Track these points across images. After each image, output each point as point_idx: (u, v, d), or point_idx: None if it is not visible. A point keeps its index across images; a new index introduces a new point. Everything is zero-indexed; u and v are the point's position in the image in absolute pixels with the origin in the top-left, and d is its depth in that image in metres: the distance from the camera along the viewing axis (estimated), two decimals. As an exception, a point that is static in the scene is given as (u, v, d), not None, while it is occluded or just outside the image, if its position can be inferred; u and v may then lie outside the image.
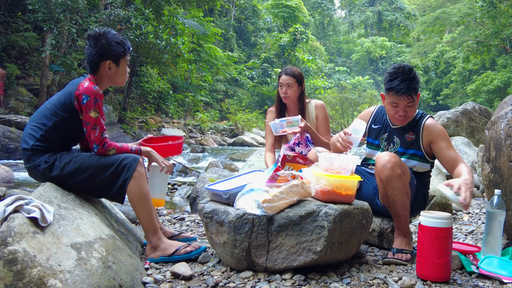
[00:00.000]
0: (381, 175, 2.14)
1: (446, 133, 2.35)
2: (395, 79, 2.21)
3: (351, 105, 18.79)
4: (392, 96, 2.23)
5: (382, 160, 2.13)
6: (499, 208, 2.12)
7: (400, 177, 2.10)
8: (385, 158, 2.13)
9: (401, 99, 2.21)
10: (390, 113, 2.32)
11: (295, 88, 3.04)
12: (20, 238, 1.47)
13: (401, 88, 2.18)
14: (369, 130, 2.51)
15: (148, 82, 17.62)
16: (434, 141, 2.30)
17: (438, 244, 1.86)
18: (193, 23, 18.48)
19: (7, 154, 8.35)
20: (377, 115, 2.52)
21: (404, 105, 2.23)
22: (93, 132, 2.05)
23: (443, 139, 2.29)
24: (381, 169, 2.13)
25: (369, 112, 2.57)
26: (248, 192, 1.98)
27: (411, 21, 39.83)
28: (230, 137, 18.69)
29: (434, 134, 2.30)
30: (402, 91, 2.18)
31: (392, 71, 2.25)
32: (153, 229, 2.13)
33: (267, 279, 1.86)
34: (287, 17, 31.31)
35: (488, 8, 19.10)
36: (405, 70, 2.22)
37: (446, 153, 2.26)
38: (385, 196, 2.19)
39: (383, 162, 2.12)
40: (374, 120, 2.52)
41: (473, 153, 6.35)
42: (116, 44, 2.15)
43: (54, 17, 11.09)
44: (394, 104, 2.25)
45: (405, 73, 2.20)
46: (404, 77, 2.19)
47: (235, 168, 7.20)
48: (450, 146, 2.28)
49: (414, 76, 2.22)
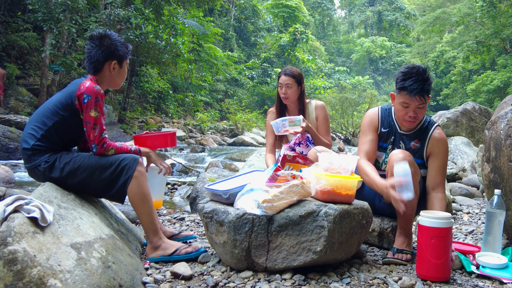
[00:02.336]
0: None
1: (448, 151, 2.33)
2: (409, 78, 2.15)
3: (351, 105, 18.78)
4: (404, 96, 2.17)
5: (396, 157, 2.11)
6: (499, 208, 2.12)
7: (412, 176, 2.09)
8: (399, 155, 2.11)
9: (413, 100, 2.15)
10: (400, 114, 2.24)
11: (294, 88, 3.04)
12: (20, 238, 1.47)
13: (415, 88, 2.12)
14: (380, 135, 2.41)
15: (148, 82, 17.62)
16: (433, 156, 2.28)
17: (435, 244, 1.86)
18: (193, 23, 18.49)
19: (7, 154, 8.34)
20: (383, 118, 2.41)
21: (415, 106, 2.17)
22: (93, 131, 2.05)
23: (442, 158, 2.27)
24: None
25: (375, 116, 2.43)
26: (248, 192, 1.99)
27: (411, 21, 39.85)
28: (230, 137, 18.68)
29: (436, 150, 2.27)
30: (415, 92, 2.12)
31: (406, 71, 2.19)
32: (154, 229, 2.14)
33: (267, 279, 1.86)
34: (287, 17, 31.30)
35: (488, 8, 19.11)
36: (419, 70, 2.17)
37: (434, 172, 2.25)
38: None
39: (397, 159, 2.10)
40: (382, 123, 2.41)
41: (473, 153, 6.35)
42: (121, 45, 2.20)
43: (54, 17, 11.09)
44: (405, 104, 2.19)
45: (419, 74, 2.15)
46: (418, 77, 2.14)
47: (235, 168, 7.19)
48: (443, 168, 2.27)
49: (428, 77, 2.16)
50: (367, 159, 2.33)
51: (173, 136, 2.44)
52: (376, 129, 2.40)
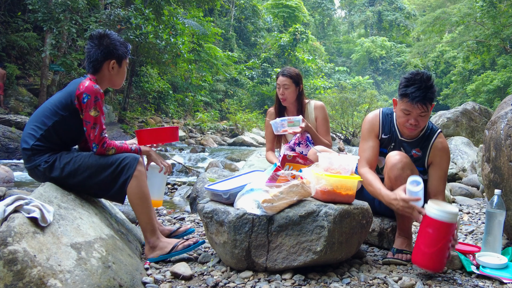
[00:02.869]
0: (390, 174, 2.12)
1: (449, 160, 2.28)
2: (411, 85, 2.07)
3: (351, 105, 18.76)
4: (405, 103, 2.09)
5: (393, 159, 2.10)
6: (499, 208, 2.12)
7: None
8: (396, 157, 2.10)
9: (414, 108, 2.07)
10: (401, 121, 2.17)
11: (292, 89, 3.03)
12: (20, 238, 1.47)
13: (416, 96, 2.05)
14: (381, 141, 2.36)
15: (148, 82, 17.61)
16: (435, 164, 2.24)
17: (428, 234, 1.87)
18: (193, 23, 18.48)
19: (7, 154, 8.34)
20: (385, 124, 2.34)
21: (417, 114, 2.09)
22: (93, 131, 2.05)
23: (443, 168, 2.23)
24: (391, 168, 2.11)
25: (376, 121, 2.36)
26: (248, 192, 1.99)
27: (411, 21, 39.85)
28: (230, 137, 18.67)
29: (438, 160, 2.23)
30: (417, 99, 2.05)
31: (409, 77, 2.11)
32: (151, 229, 2.14)
33: (267, 279, 1.86)
34: (287, 17, 31.29)
35: (488, 8, 19.10)
36: (423, 77, 2.08)
37: (436, 182, 2.22)
38: None
39: (394, 161, 2.09)
40: (384, 129, 2.34)
41: (473, 153, 6.35)
42: (120, 45, 2.20)
43: (54, 17, 11.08)
44: (406, 111, 2.11)
45: (422, 81, 2.07)
46: (421, 84, 2.06)
47: (235, 168, 7.19)
48: (444, 177, 2.24)
49: (431, 85, 2.08)
50: (369, 167, 2.27)
51: (175, 131, 2.44)
52: (377, 135, 2.34)
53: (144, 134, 2.35)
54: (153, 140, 2.35)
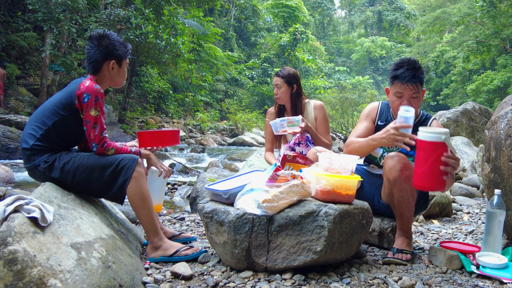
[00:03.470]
0: (389, 175, 2.13)
1: None
2: (401, 67, 2.20)
3: (351, 105, 18.75)
4: (397, 85, 2.21)
5: (392, 161, 2.11)
6: (499, 208, 2.12)
7: (407, 179, 2.08)
8: (395, 159, 2.11)
9: (406, 88, 2.18)
10: (394, 105, 2.25)
11: (284, 88, 3.12)
12: (20, 238, 1.47)
13: (406, 76, 2.16)
14: (376, 128, 2.44)
15: (148, 82, 17.62)
16: None
17: (417, 155, 1.87)
18: (193, 23, 18.48)
19: (7, 154, 8.34)
20: (382, 112, 2.46)
21: (409, 95, 2.19)
22: (93, 131, 2.05)
23: None
24: (390, 170, 2.12)
25: (374, 108, 2.49)
26: (248, 192, 1.99)
27: (411, 21, 39.85)
28: (230, 137, 18.67)
29: None
30: (407, 79, 2.16)
31: (398, 62, 2.26)
32: (154, 230, 2.14)
33: (267, 279, 1.86)
34: (287, 17, 31.29)
35: (488, 8, 19.11)
36: (411, 61, 2.23)
37: None
38: (391, 196, 2.18)
39: (393, 163, 2.11)
40: (380, 116, 2.45)
41: (473, 153, 6.35)
42: (119, 45, 2.20)
43: (54, 17, 11.09)
44: (398, 94, 2.21)
45: (410, 63, 2.21)
46: (409, 66, 2.19)
47: (235, 168, 7.19)
48: None
49: (419, 67, 2.21)
50: None
51: (177, 134, 2.44)
52: (374, 120, 2.45)
53: (145, 136, 2.34)
54: (154, 143, 2.35)
